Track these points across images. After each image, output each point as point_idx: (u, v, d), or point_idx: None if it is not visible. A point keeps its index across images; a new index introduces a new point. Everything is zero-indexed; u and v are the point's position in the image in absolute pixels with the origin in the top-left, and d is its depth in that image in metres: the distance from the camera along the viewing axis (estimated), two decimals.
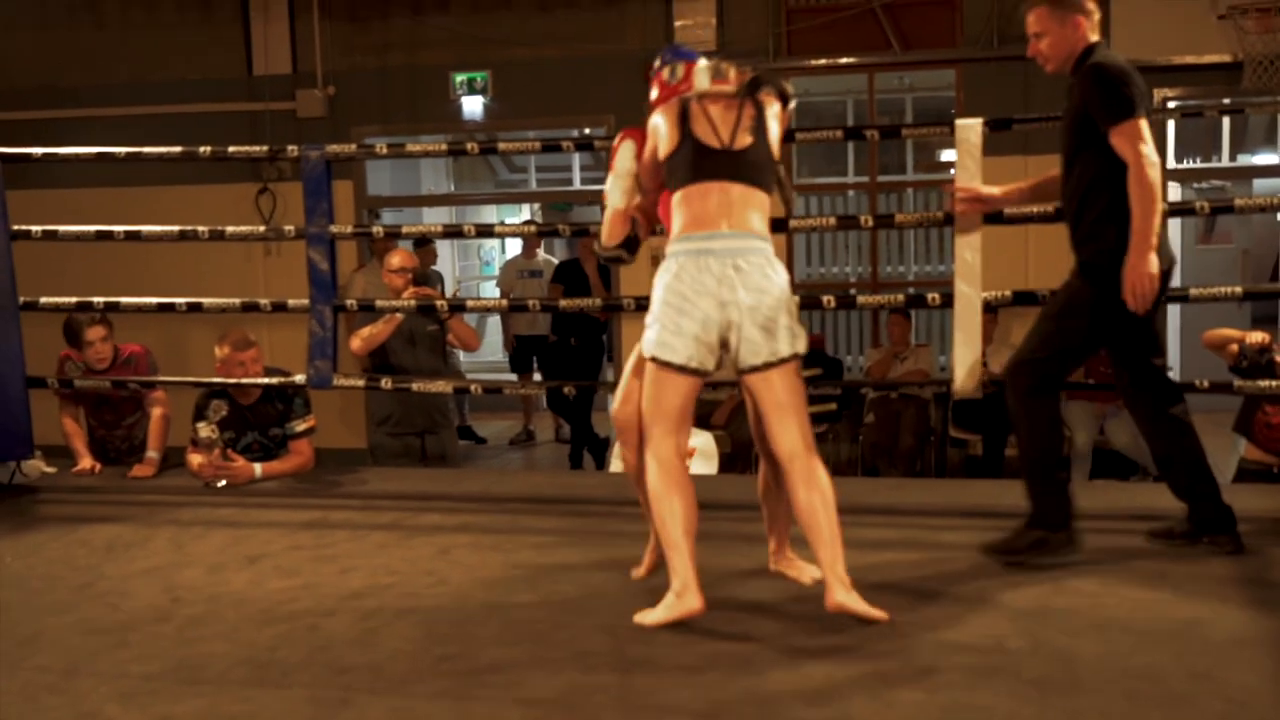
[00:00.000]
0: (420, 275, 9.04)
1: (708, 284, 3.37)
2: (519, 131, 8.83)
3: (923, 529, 4.35)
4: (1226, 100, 7.61)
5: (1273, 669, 3.01)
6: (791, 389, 3.42)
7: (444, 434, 6.33)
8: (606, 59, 8.38)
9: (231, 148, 5.50)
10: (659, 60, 3.85)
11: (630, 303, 5.05)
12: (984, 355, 4.75)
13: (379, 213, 9.77)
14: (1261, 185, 10.67)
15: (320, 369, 5.29)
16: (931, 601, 3.54)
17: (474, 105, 8.82)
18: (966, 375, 4.60)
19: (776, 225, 5.40)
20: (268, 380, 5.44)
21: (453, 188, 13.00)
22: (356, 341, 6.01)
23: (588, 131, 8.58)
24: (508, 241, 13.14)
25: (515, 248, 10.74)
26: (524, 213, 13.65)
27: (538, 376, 9.81)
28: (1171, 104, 7.82)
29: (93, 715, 2.96)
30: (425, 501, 5.02)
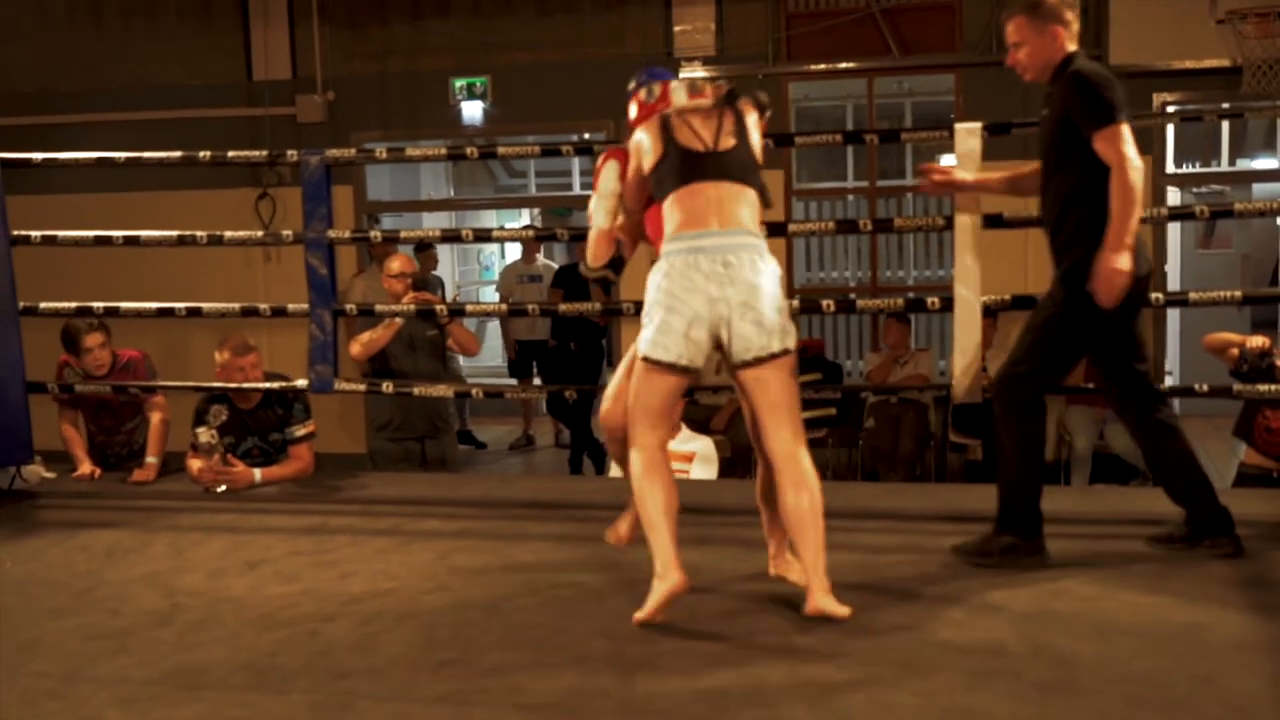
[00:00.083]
0: (421, 280, 9.05)
1: (698, 281, 3.41)
2: (518, 136, 8.84)
3: (923, 534, 4.35)
4: (1226, 105, 7.61)
5: (1273, 674, 3.01)
6: (784, 388, 3.47)
7: (444, 439, 6.33)
8: (606, 64, 8.38)
9: (231, 153, 5.50)
10: (635, 82, 3.93)
11: (630, 307, 5.04)
12: (984, 360, 4.75)
13: (378, 217, 9.77)
14: (1261, 190, 10.69)
15: (321, 374, 5.29)
16: (932, 605, 3.53)
17: (474, 110, 8.83)
18: (966, 380, 4.60)
19: (775, 229, 5.43)
20: (268, 385, 5.44)
21: (452, 193, 13.02)
22: (356, 347, 6.01)
23: (587, 136, 8.58)
24: (507, 246, 13.17)
25: (515, 253, 10.76)
26: (523, 218, 13.67)
27: (538, 381, 9.82)
28: (1170, 108, 7.82)
29: None
30: (425, 506, 5.02)
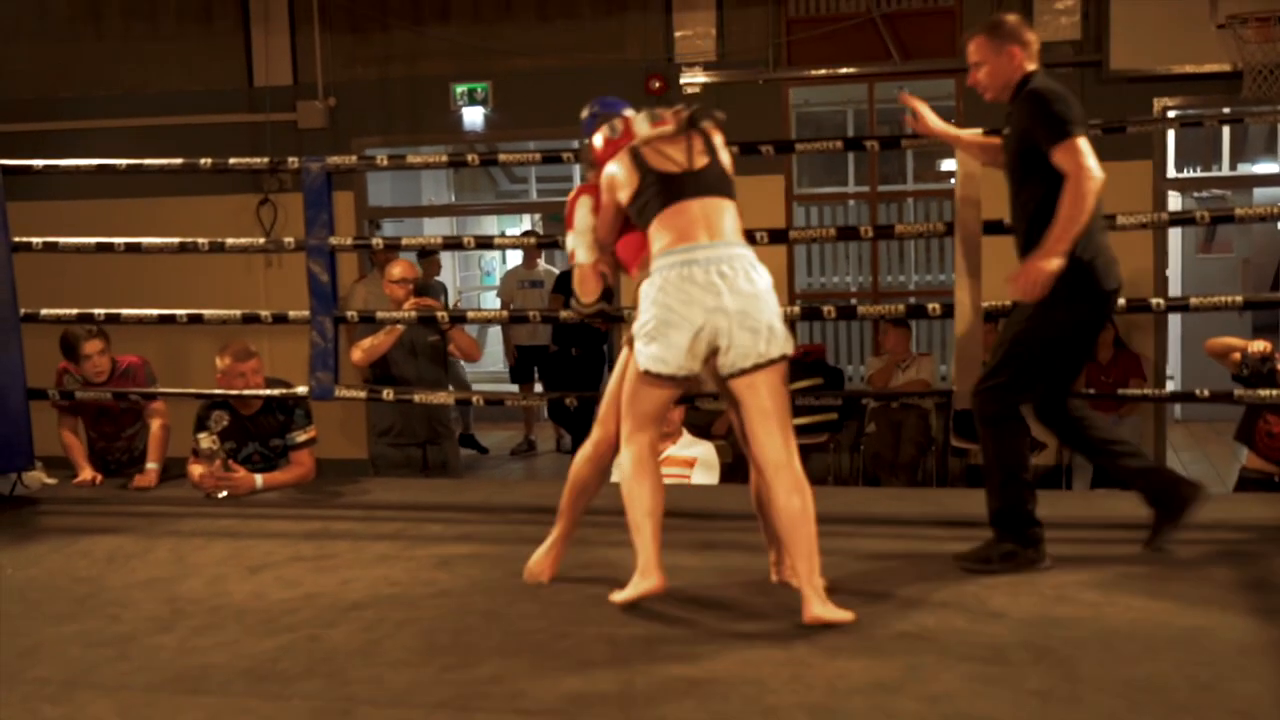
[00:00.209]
0: (424, 286, 9.06)
1: (693, 293, 3.47)
2: (519, 142, 8.84)
3: (924, 539, 4.34)
4: (1226, 110, 7.62)
5: (1276, 678, 3.00)
6: (776, 395, 3.52)
7: (445, 444, 6.33)
8: (607, 70, 8.39)
9: (232, 159, 5.51)
10: (589, 112, 4.02)
11: (631, 313, 5.05)
12: (985, 365, 4.74)
13: (380, 223, 9.78)
14: (1262, 194, 10.68)
15: (322, 380, 5.29)
16: (933, 611, 3.53)
17: (474, 116, 8.84)
18: (967, 385, 4.59)
19: (777, 235, 5.44)
20: (269, 392, 5.44)
21: (453, 198, 13.03)
22: (357, 353, 6.02)
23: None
24: (508, 252, 13.18)
25: (516, 258, 10.76)
26: (524, 223, 13.68)
27: (539, 387, 9.82)
28: (1171, 113, 7.82)
29: None
30: (426, 512, 5.02)
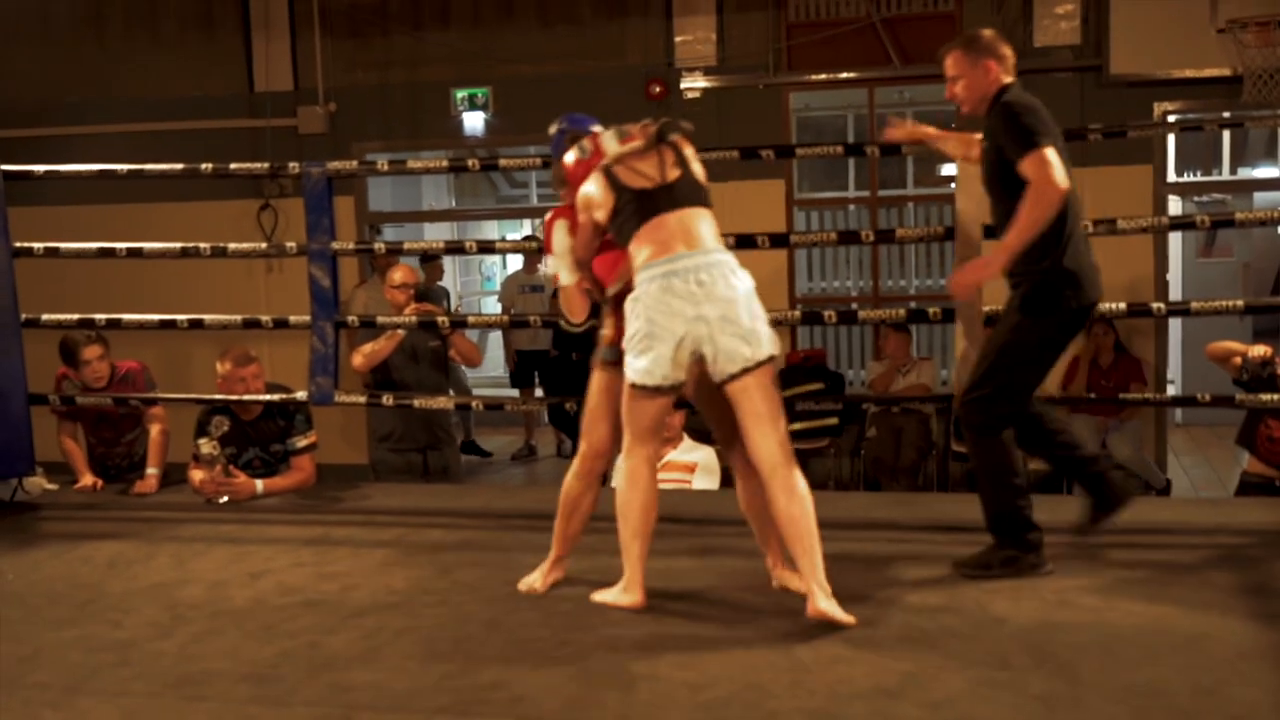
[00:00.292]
0: (426, 291, 9.06)
1: (674, 305, 3.52)
2: (520, 147, 8.84)
3: (925, 544, 4.34)
4: (1226, 114, 7.62)
5: (1276, 683, 3.00)
6: (768, 397, 3.56)
7: (446, 449, 6.32)
8: (608, 75, 8.40)
9: (234, 165, 5.51)
10: (558, 130, 4.09)
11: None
12: None
13: (380, 228, 9.78)
14: (1262, 198, 10.70)
15: (322, 385, 5.29)
16: (935, 616, 3.53)
17: (475, 121, 8.84)
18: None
19: (778, 240, 5.44)
20: (269, 397, 5.44)
21: (454, 203, 13.03)
22: (358, 358, 6.01)
23: None
24: (509, 257, 13.17)
25: (516, 263, 10.75)
26: (525, 228, 13.67)
27: (539, 392, 9.81)
28: (1171, 117, 7.83)
29: None
30: (427, 517, 5.02)
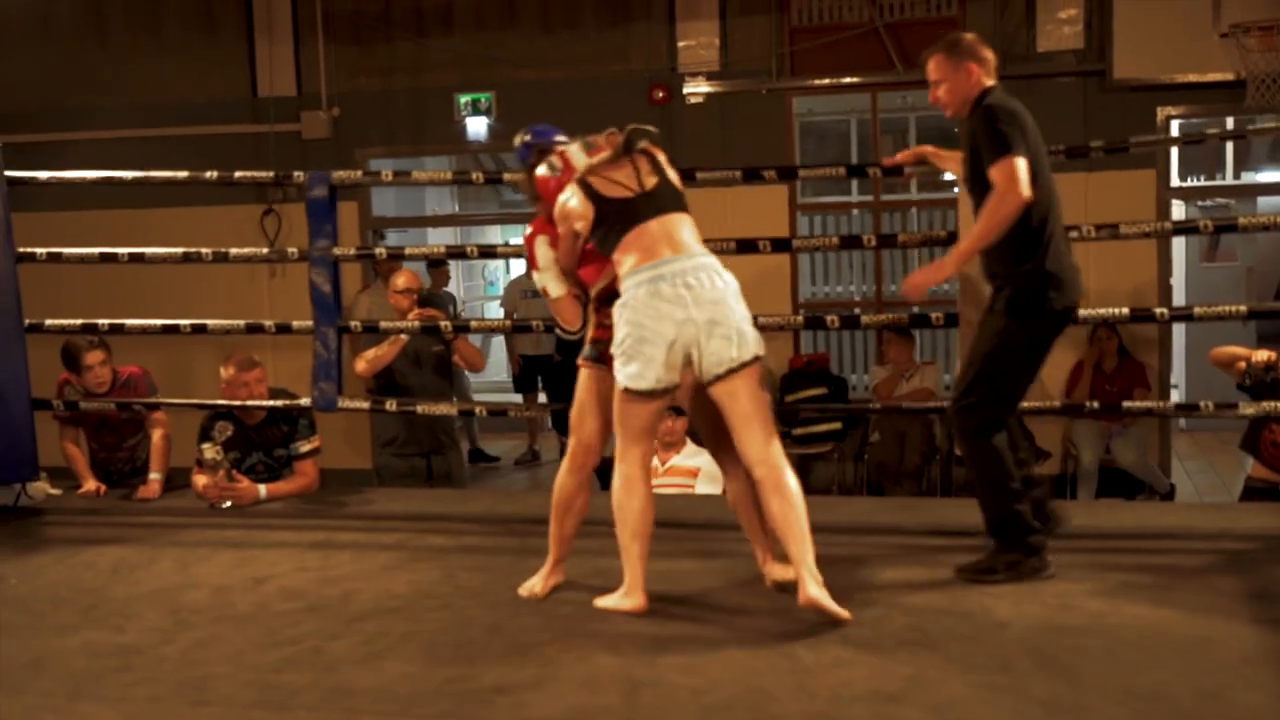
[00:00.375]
0: (432, 296, 9.07)
1: (663, 309, 3.57)
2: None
3: (929, 548, 4.34)
4: (1229, 120, 7.61)
5: None
6: (755, 397, 3.62)
7: (449, 454, 6.33)
8: (611, 80, 8.40)
9: (238, 173, 5.52)
10: (523, 142, 4.13)
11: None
12: None
13: (383, 233, 9.78)
14: (1266, 203, 10.69)
15: (325, 391, 5.30)
16: (938, 620, 3.53)
17: (478, 126, 8.84)
18: None
19: (780, 245, 5.44)
20: (273, 403, 5.44)
21: (457, 208, 13.04)
22: (361, 364, 6.02)
23: None
24: (512, 261, 13.18)
25: (519, 267, 10.77)
26: (528, 232, 13.65)
27: (542, 396, 9.81)
28: (1174, 122, 7.83)
29: None
30: (430, 522, 5.02)
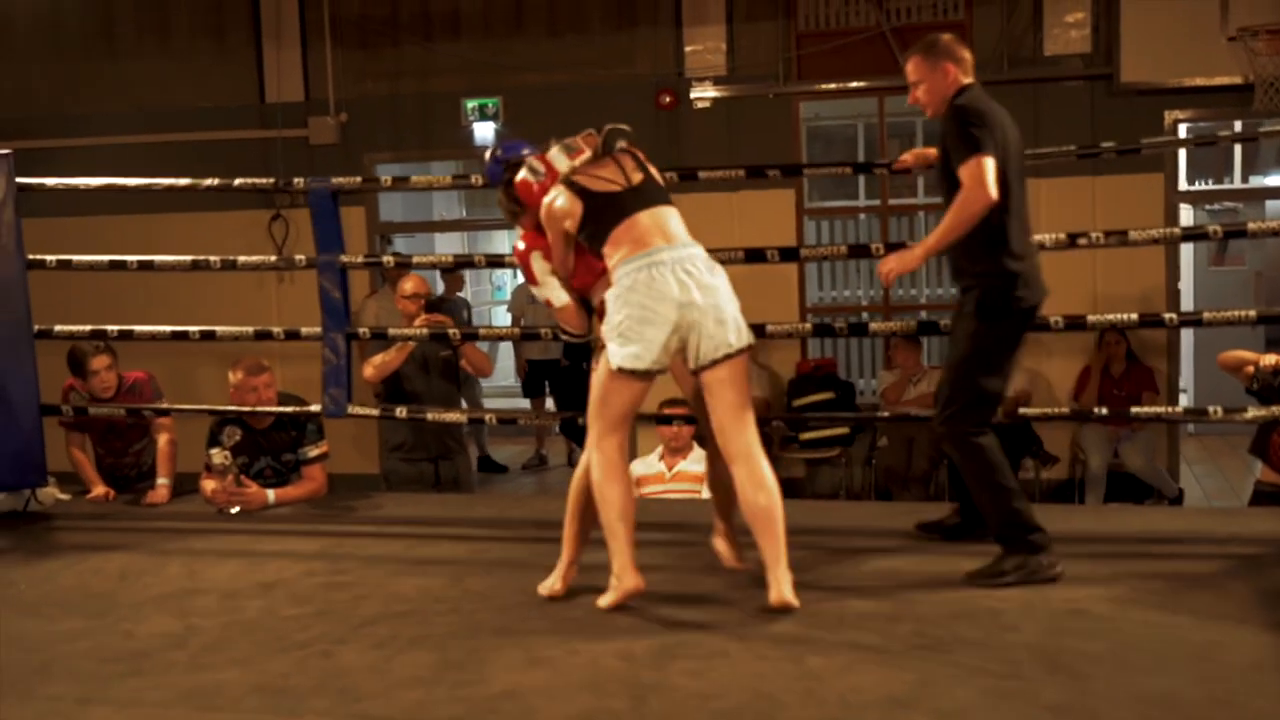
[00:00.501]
0: (445, 302, 9.07)
1: (664, 289, 3.61)
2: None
3: (937, 553, 4.32)
4: (1238, 125, 7.60)
5: None
6: (743, 389, 3.70)
7: (457, 459, 6.33)
8: (618, 85, 8.40)
9: (239, 180, 5.52)
10: (494, 159, 4.19)
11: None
12: None
13: (391, 239, 9.79)
14: (1274, 207, 10.67)
15: (335, 397, 5.30)
16: (947, 625, 3.52)
17: (485, 131, 8.84)
18: None
19: (787, 253, 5.43)
20: (281, 410, 5.45)
21: (464, 213, 13.04)
22: (369, 369, 6.02)
23: None
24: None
25: None
26: None
27: (550, 401, 9.81)
28: (1182, 126, 7.81)
29: None
30: (438, 527, 5.02)
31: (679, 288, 3.61)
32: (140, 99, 9.17)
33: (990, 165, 3.76)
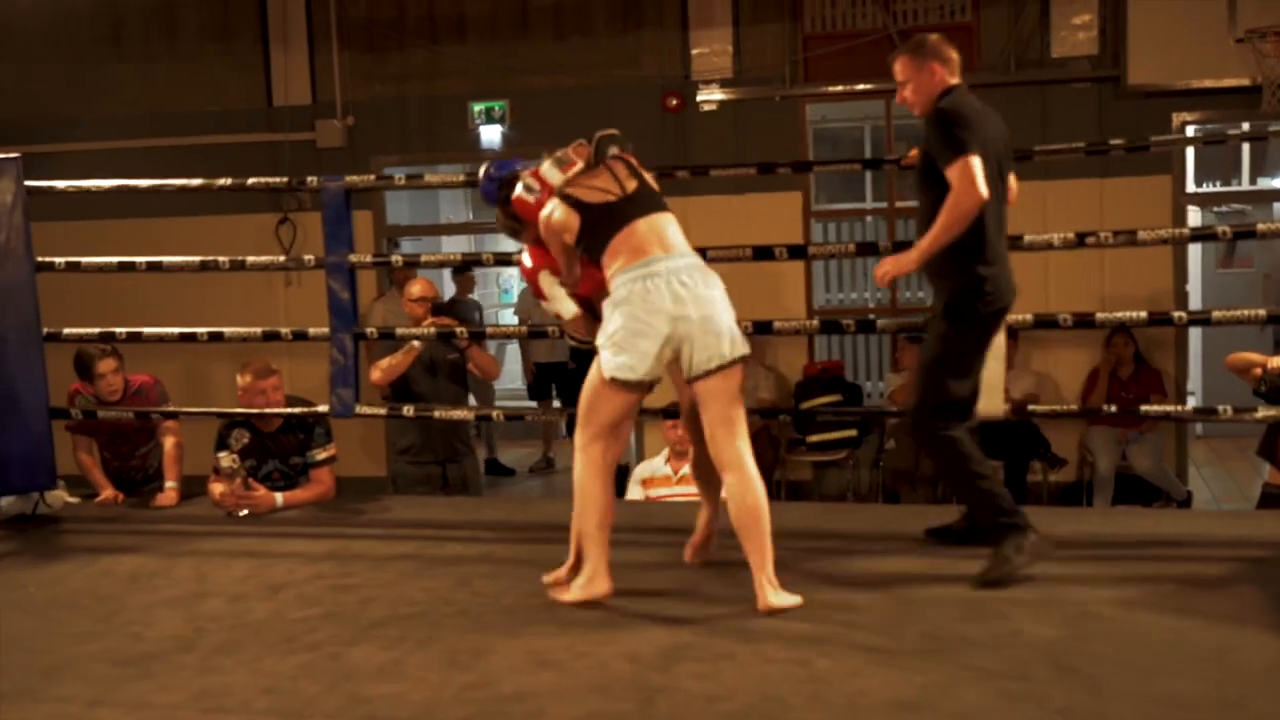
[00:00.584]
0: (457, 304, 9.07)
1: (659, 303, 3.65)
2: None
3: (945, 556, 4.32)
4: (1246, 125, 7.58)
5: None
6: (735, 400, 3.74)
7: (465, 462, 6.33)
8: (624, 87, 8.40)
9: (251, 179, 5.54)
10: (488, 179, 4.24)
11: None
12: (1006, 380, 4.75)
13: (398, 242, 9.81)
14: None
15: (342, 397, 5.31)
16: (956, 627, 3.52)
17: (492, 134, 8.86)
18: (988, 399, 4.59)
19: (795, 251, 5.44)
20: (289, 410, 5.45)
21: (471, 216, 13.04)
22: (376, 373, 6.03)
23: None
24: None
25: None
26: None
27: (557, 404, 9.82)
28: (1190, 128, 7.80)
29: None
30: (446, 530, 5.02)
31: (673, 300, 3.65)
32: (147, 103, 9.19)
33: (978, 164, 3.80)
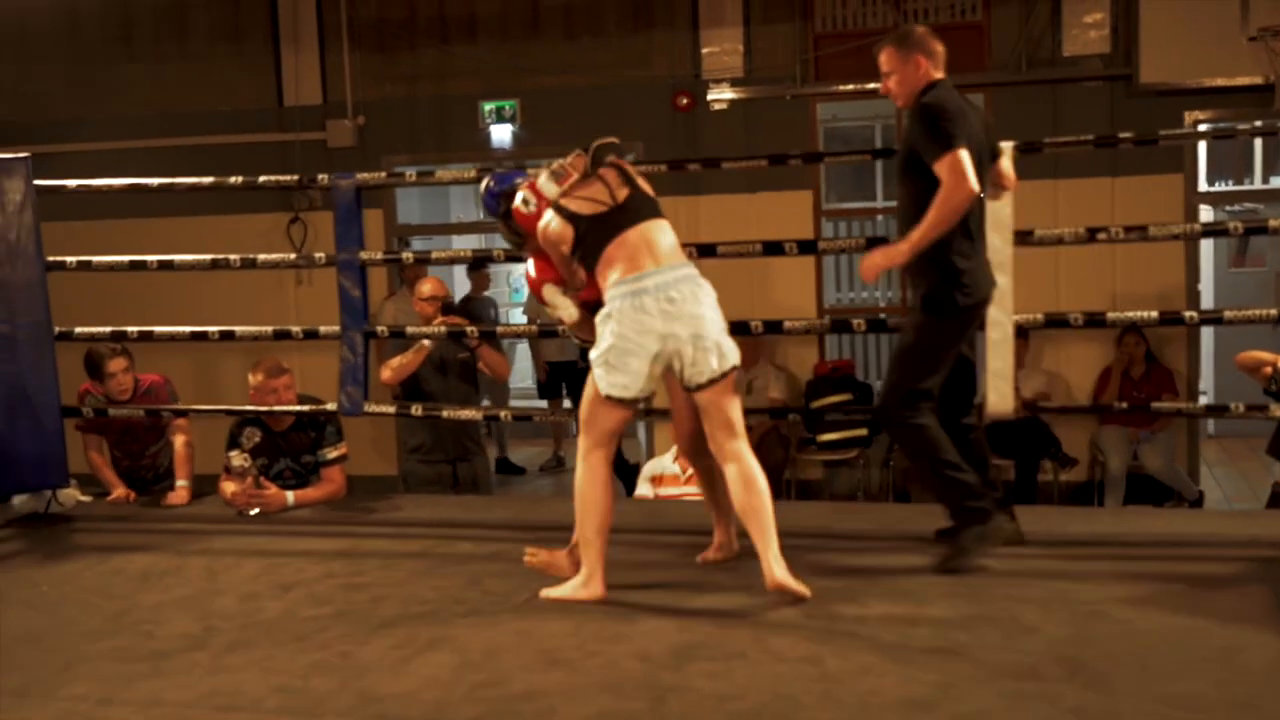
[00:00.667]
0: (465, 300, 9.07)
1: (646, 322, 3.73)
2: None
3: None
4: (1259, 122, 7.56)
5: None
6: (732, 405, 3.85)
7: (475, 461, 6.33)
8: (634, 87, 8.40)
9: (263, 177, 5.55)
10: (489, 192, 4.28)
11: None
12: (1016, 379, 4.74)
13: (409, 241, 9.82)
14: None
15: (352, 395, 5.31)
16: (966, 627, 3.51)
17: (503, 133, 8.87)
18: (998, 399, 4.59)
19: (805, 247, 5.44)
20: (300, 409, 5.46)
21: (481, 215, 13.04)
22: (386, 372, 6.04)
23: None
24: None
25: None
26: None
27: (567, 403, 9.82)
28: (1202, 126, 7.78)
29: None
30: (456, 529, 5.03)
31: (661, 318, 3.72)
32: (158, 103, 9.21)
33: (966, 158, 3.82)
